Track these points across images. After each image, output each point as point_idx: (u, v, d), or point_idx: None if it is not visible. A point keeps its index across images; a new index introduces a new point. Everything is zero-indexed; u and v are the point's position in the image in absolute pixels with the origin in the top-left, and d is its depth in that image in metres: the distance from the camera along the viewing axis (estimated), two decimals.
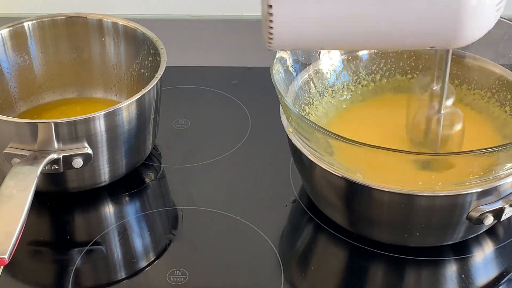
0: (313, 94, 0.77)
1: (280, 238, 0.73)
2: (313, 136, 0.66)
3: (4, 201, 0.63)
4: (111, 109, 0.71)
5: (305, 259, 0.71)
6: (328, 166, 0.66)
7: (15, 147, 0.70)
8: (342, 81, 0.80)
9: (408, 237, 0.69)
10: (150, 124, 0.77)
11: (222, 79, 0.95)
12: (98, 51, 0.86)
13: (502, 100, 0.77)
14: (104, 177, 0.76)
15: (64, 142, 0.70)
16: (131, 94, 0.80)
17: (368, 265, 0.70)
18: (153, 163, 0.82)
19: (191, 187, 0.78)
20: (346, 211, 0.71)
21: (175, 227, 0.74)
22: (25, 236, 0.62)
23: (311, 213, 0.74)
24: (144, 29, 0.82)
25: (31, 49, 0.84)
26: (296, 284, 0.68)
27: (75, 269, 0.69)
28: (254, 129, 0.87)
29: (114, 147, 0.74)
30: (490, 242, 0.72)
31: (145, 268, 0.69)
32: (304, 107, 0.76)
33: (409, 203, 0.65)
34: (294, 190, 0.78)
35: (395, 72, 0.81)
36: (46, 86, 0.86)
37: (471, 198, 0.64)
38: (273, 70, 0.70)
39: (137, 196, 0.78)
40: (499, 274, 0.69)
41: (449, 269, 0.69)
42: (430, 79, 0.68)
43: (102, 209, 0.77)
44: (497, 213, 0.66)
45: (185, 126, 0.87)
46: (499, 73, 0.77)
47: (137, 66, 0.84)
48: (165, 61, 0.77)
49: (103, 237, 0.72)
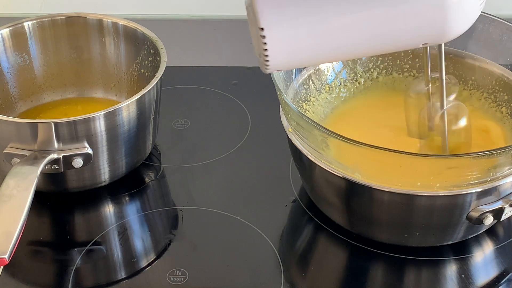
0: (311, 91, 0.77)
1: (280, 238, 0.73)
2: (311, 134, 0.66)
3: (4, 201, 0.63)
4: (111, 109, 0.71)
5: (305, 259, 0.71)
6: (328, 166, 0.66)
7: (15, 147, 0.70)
8: (340, 78, 0.80)
9: (408, 237, 0.69)
10: (150, 124, 0.77)
11: (222, 79, 0.95)
12: (98, 51, 0.86)
13: (498, 101, 0.77)
14: (104, 177, 0.76)
15: (64, 142, 0.70)
16: (131, 94, 0.80)
17: (368, 265, 0.70)
18: (153, 163, 0.82)
19: (191, 187, 0.78)
20: (346, 211, 0.71)
21: (175, 227, 0.74)
22: (25, 236, 0.62)
23: (311, 213, 0.75)
24: (144, 29, 0.82)
25: (31, 49, 0.84)
26: (296, 284, 0.68)
27: (75, 269, 0.69)
28: (254, 129, 0.87)
29: (114, 147, 0.74)
30: (490, 242, 0.72)
31: (145, 268, 0.69)
32: (301, 103, 0.76)
33: (409, 203, 0.65)
34: (294, 190, 0.78)
35: (392, 70, 0.81)
36: (46, 86, 0.86)
37: (471, 198, 0.64)
38: None
39: (137, 196, 0.78)
40: (499, 274, 0.69)
41: (449, 269, 0.69)
42: (424, 79, 0.69)
43: (102, 209, 0.77)
44: (497, 213, 0.66)
45: (185, 126, 0.87)
46: (498, 74, 0.77)
47: (137, 66, 0.84)
48: (165, 61, 0.77)
49: (103, 237, 0.72)
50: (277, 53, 0.57)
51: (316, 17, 0.56)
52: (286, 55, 0.58)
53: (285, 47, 0.57)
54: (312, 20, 0.56)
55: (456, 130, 0.69)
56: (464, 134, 0.70)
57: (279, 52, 0.57)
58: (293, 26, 0.56)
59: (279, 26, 0.56)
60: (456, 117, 0.69)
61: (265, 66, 0.59)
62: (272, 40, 0.56)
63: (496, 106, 0.77)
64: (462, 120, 0.69)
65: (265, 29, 0.56)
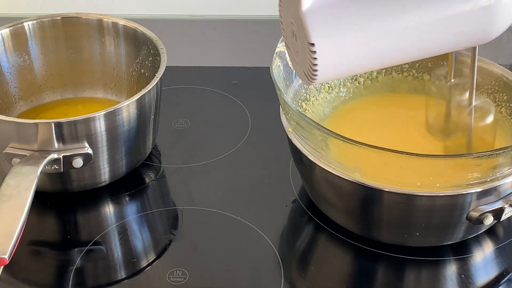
0: (311, 90, 0.77)
1: (280, 238, 0.73)
2: (311, 134, 0.66)
3: (4, 201, 0.63)
4: (111, 109, 0.71)
5: (305, 259, 0.71)
6: (328, 166, 0.66)
7: (15, 147, 0.70)
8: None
9: (408, 237, 0.69)
10: (150, 124, 0.77)
11: (222, 79, 0.95)
12: (98, 51, 0.86)
13: (498, 101, 0.77)
14: (104, 177, 0.76)
15: (64, 142, 0.70)
16: (131, 94, 0.80)
17: (368, 265, 0.70)
18: (153, 163, 0.82)
19: (191, 187, 0.78)
20: (346, 211, 0.71)
21: (175, 227, 0.74)
22: (25, 236, 0.62)
23: (311, 213, 0.75)
24: (144, 29, 0.82)
25: (31, 49, 0.84)
26: (296, 284, 0.68)
27: (75, 269, 0.69)
28: (254, 129, 0.87)
29: (114, 147, 0.74)
30: (490, 242, 0.72)
31: (145, 268, 0.69)
32: (301, 103, 0.76)
33: (409, 203, 0.65)
34: (294, 190, 0.78)
35: (391, 69, 0.81)
36: (46, 86, 0.86)
37: (471, 198, 0.64)
38: (273, 65, 0.70)
39: (137, 196, 0.78)
40: (499, 274, 0.69)
41: (449, 269, 0.69)
42: (446, 74, 0.69)
43: (102, 209, 0.77)
44: (497, 213, 0.66)
45: (185, 126, 0.87)
46: (497, 74, 0.77)
47: (137, 66, 0.84)
48: (165, 61, 0.77)
49: (103, 237, 0.72)
50: (326, 66, 0.56)
51: (367, 27, 0.56)
52: (335, 67, 0.57)
53: (335, 59, 0.56)
54: (362, 30, 0.55)
55: (481, 127, 0.69)
56: (488, 133, 0.70)
57: (328, 64, 0.56)
58: (343, 38, 0.55)
59: (330, 40, 0.55)
60: (483, 114, 0.69)
61: (312, 79, 0.57)
62: (322, 54, 0.55)
63: (496, 106, 0.77)
64: (489, 117, 0.69)
65: (316, 44, 0.54)
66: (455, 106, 0.70)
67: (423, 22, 0.57)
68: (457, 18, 0.58)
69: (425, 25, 0.57)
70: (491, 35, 0.60)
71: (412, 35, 0.57)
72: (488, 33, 0.60)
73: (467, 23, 0.58)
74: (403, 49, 0.58)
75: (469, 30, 0.59)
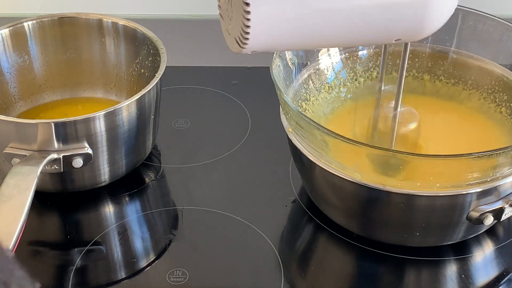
0: (311, 90, 0.77)
1: (280, 238, 0.73)
2: (311, 134, 0.66)
3: (4, 201, 0.63)
4: (111, 109, 0.71)
5: (305, 259, 0.71)
6: (328, 166, 0.66)
7: (15, 147, 0.70)
8: (339, 77, 0.80)
9: (408, 237, 0.69)
10: (150, 124, 0.77)
11: (222, 79, 0.95)
12: (98, 51, 0.86)
13: (498, 101, 0.77)
14: (104, 177, 0.76)
15: (64, 142, 0.70)
16: (131, 94, 0.80)
17: (368, 265, 0.70)
18: (153, 163, 0.82)
19: (191, 187, 0.78)
20: (346, 211, 0.71)
21: (175, 227, 0.74)
22: (25, 236, 0.62)
23: (311, 213, 0.75)
24: (144, 29, 0.82)
25: (31, 49, 0.84)
26: (296, 284, 0.68)
27: (75, 269, 0.69)
28: (254, 129, 0.87)
29: (114, 147, 0.74)
30: (490, 242, 0.72)
31: (145, 268, 0.69)
32: (301, 103, 0.76)
33: (409, 203, 0.65)
34: (294, 190, 0.78)
35: (391, 69, 0.81)
36: (46, 86, 0.86)
37: (471, 198, 0.64)
38: (272, 65, 0.70)
39: (137, 196, 0.78)
40: (499, 274, 0.69)
41: (449, 269, 0.69)
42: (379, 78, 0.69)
43: (102, 209, 0.77)
44: (497, 213, 0.66)
45: (185, 126, 0.87)
46: (497, 74, 0.77)
47: (137, 66, 0.84)
48: (165, 61, 0.77)
49: (103, 237, 0.72)
50: (258, 32, 0.54)
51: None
52: (266, 36, 0.55)
53: (267, 26, 0.54)
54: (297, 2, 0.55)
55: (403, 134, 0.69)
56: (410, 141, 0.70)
57: (260, 31, 0.54)
58: (279, 4, 0.54)
59: (266, 2, 0.53)
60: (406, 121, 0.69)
61: (242, 45, 0.55)
62: (256, 17, 0.53)
63: (496, 106, 0.77)
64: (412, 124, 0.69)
65: (251, 4, 0.52)
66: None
67: (356, 5, 0.56)
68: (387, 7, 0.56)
69: (358, 9, 0.56)
70: (424, 30, 0.59)
71: (344, 17, 0.56)
72: (420, 28, 0.58)
73: (399, 12, 0.57)
74: (334, 30, 0.57)
75: (399, 22, 0.58)
